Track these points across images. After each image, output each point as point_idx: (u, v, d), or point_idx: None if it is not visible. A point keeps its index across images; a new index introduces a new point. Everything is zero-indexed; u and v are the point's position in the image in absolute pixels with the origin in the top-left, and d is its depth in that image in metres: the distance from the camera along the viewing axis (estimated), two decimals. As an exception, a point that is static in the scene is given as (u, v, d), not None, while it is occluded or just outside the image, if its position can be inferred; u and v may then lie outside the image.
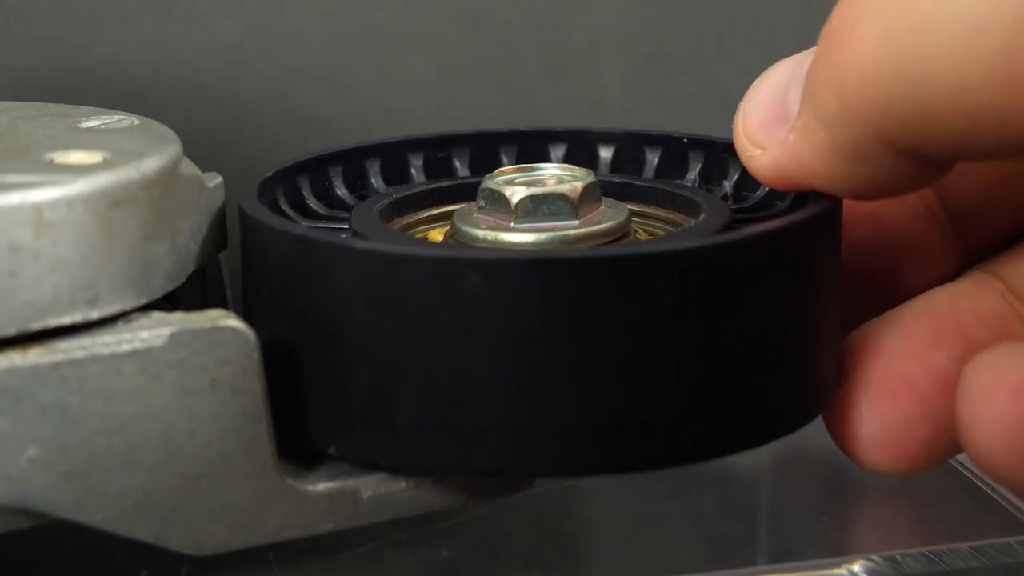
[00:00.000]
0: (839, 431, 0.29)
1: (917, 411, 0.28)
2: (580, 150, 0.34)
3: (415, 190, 0.32)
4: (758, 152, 0.28)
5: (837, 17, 0.26)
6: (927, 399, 0.28)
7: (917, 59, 0.24)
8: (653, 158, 0.33)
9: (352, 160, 0.33)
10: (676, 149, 0.33)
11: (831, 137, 0.26)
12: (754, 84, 0.28)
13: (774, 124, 0.28)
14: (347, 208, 0.31)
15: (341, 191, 0.32)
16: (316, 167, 0.32)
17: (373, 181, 0.33)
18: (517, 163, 0.33)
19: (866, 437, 0.28)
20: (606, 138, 0.34)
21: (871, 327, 0.29)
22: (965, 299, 0.29)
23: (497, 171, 0.30)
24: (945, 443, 0.28)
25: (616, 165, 0.33)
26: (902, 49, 0.24)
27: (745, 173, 0.31)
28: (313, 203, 0.31)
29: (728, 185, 0.32)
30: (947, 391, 0.28)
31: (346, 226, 0.30)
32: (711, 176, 0.32)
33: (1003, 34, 0.23)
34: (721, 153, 0.32)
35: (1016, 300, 0.30)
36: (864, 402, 0.28)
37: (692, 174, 0.33)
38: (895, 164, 0.26)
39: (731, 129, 0.30)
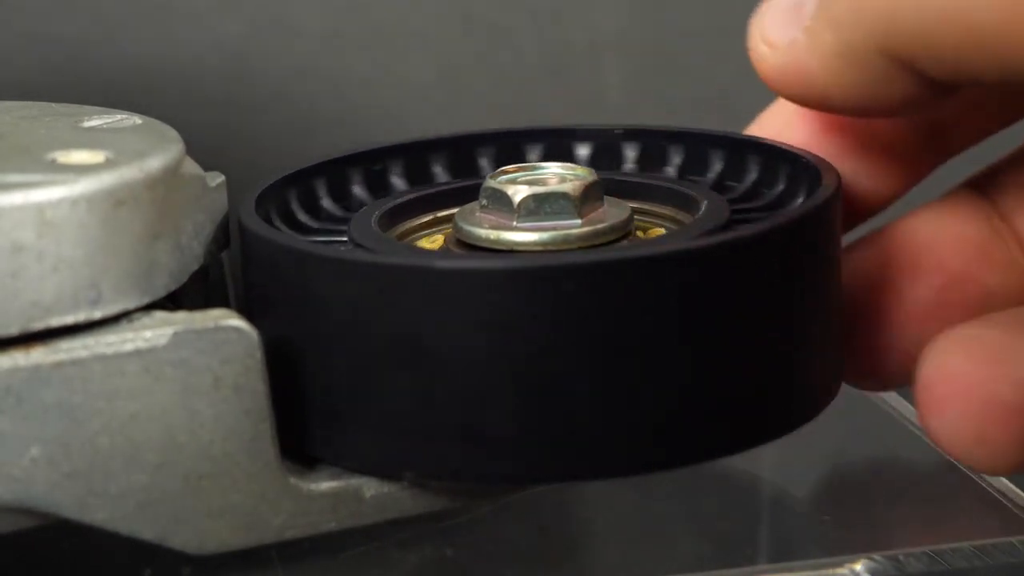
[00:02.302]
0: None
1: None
2: (558, 148, 0.34)
3: (410, 196, 0.32)
4: (768, 51, 0.28)
5: None
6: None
7: None
8: (632, 153, 0.33)
9: (344, 167, 0.33)
10: (654, 142, 0.33)
11: (836, 41, 0.26)
12: None
13: (788, 24, 0.27)
14: (341, 219, 0.31)
15: (350, 195, 0.32)
16: (304, 178, 0.32)
17: (394, 182, 0.33)
18: (496, 165, 0.33)
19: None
20: (584, 135, 0.34)
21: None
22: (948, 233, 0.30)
23: (499, 170, 0.30)
24: None
25: (594, 162, 0.33)
26: None
27: (728, 165, 0.31)
28: (312, 213, 0.31)
29: (711, 177, 0.32)
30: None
31: (344, 236, 0.30)
32: (691, 169, 0.32)
33: None
34: (701, 145, 0.32)
35: (1001, 221, 0.30)
36: None
37: (671, 168, 0.33)
38: (894, 78, 0.26)
39: (731, 127, 0.30)
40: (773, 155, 0.30)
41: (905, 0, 0.24)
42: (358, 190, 0.33)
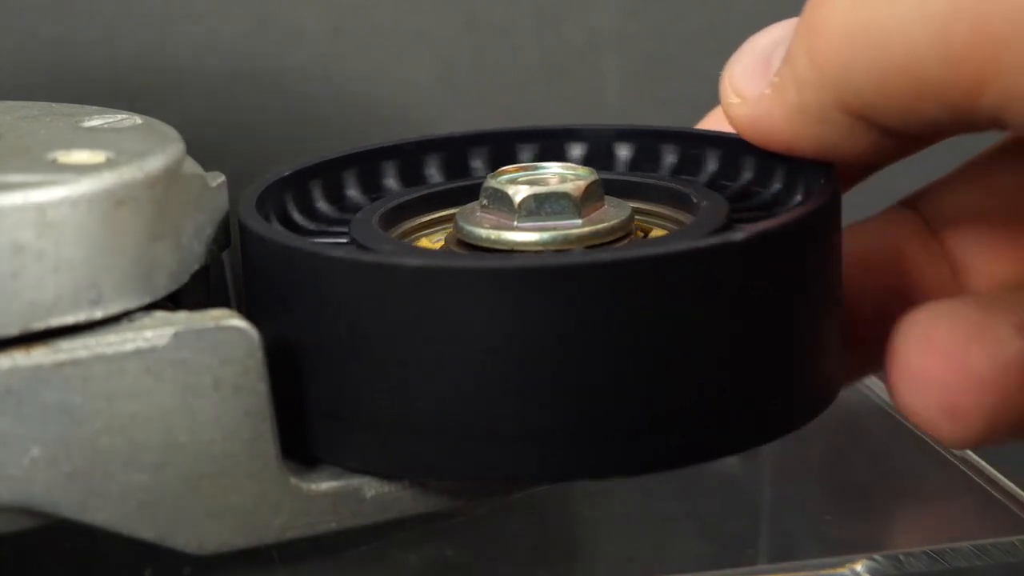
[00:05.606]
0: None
1: None
2: (553, 148, 0.34)
3: (411, 196, 0.32)
4: (737, 101, 0.29)
5: None
6: None
7: (878, 25, 0.25)
8: (627, 154, 0.33)
9: (366, 162, 0.33)
10: (648, 143, 0.33)
11: (798, 97, 0.27)
12: (750, 38, 0.30)
13: (756, 77, 0.29)
14: (342, 218, 0.31)
15: (340, 196, 0.32)
16: (305, 177, 0.32)
17: (387, 182, 0.33)
18: (490, 166, 0.33)
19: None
20: (578, 135, 0.34)
21: None
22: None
23: (499, 170, 0.30)
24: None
25: (592, 162, 0.33)
26: (867, 14, 0.26)
27: (723, 165, 0.31)
28: (312, 212, 0.31)
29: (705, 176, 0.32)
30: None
31: (345, 235, 0.30)
32: (685, 169, 0.32)
33: (944, 3, 0.24)
34: (696, 145, 0.32)
35: (930, 237, 0.31)
36: None
37: (663, 169, 0.33)
38: (854, 131, 0.27)
39: (731, 127, 0.30)
40: (767, 154, 0.30)
41: (861, 56, 0.26)
42: (360, 189, 0.33)
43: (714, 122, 0.33)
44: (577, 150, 0.33)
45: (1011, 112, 0.25)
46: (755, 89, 0.29)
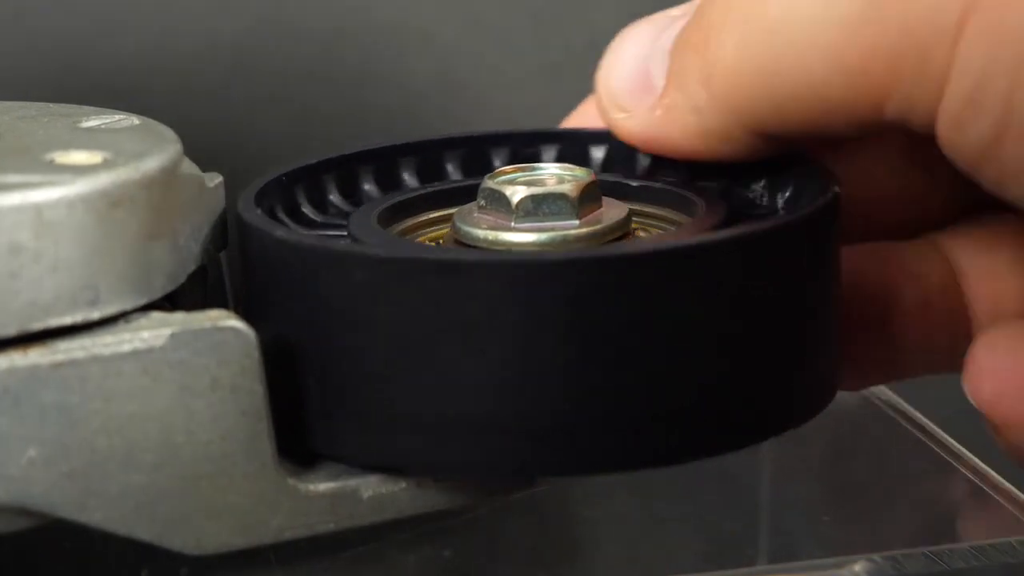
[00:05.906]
0: None
1: None
2: (523, 150, 0.34)
3: (412, 195, 0.32)
4: (622, 116, 0.30)
5: (701, 18, 0.28)
6: None
7: (771, 58, 0.27)
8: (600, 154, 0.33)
9: (346, 166, 0.33)
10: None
11: (699, 122, 0.28)
12: (613, 47, 0.30)
13: (638, 92, 0.29)
14: (341, 215, 0.31)
15: (354, 192, 0.32)
16: (311, 174, 0.32)
17: (366, 187, 0.33)
18: (463, 171, 0.33)
19: None
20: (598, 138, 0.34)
21: None
22: None
23: (497, 171, 0.30)
24: None
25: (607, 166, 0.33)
26: (758, 50, 0.27)
27: (734, 171, 0.31)
28: (308, 210, 0.31)
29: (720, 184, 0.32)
30: None
31: (344, 232, 0.30)
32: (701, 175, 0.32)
33: (836, 31, 0.26)
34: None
35: None
36: None
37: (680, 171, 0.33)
38: (755, 143, 0.28)
39: None
40: (780, 160, 0.30)
41: (759, 87, 0.27)
42: (363, 187, 0.33)
43: (583, 116, 0.33)
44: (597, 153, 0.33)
45: (916, 117, 0.26)
46: (641, 104, 0.29)
